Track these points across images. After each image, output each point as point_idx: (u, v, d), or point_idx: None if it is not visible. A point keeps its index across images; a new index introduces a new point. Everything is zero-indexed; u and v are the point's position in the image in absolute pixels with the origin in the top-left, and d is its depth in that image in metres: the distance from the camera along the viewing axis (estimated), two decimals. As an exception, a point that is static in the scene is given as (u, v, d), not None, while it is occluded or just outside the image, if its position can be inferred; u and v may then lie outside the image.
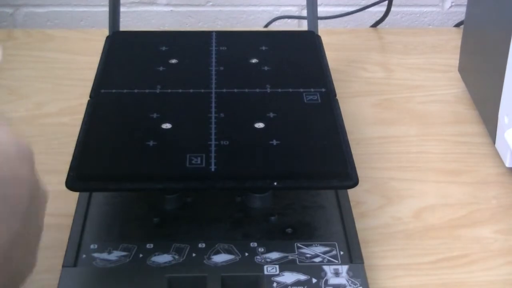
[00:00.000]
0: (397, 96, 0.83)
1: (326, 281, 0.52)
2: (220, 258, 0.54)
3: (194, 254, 0.55)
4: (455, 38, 0.93)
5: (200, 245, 0.56)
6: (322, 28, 0.82)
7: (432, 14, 1.05)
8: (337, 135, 0.59)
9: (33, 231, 0.41)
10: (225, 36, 0.75)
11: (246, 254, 0.55)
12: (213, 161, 0.55)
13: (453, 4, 1.04)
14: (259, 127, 0.60)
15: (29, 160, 0.40)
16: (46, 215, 0.43)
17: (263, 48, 0.73)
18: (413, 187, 0.68)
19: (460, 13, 1.03)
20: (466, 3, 0.80)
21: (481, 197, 0.67)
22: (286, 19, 1.03)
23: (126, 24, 0.96)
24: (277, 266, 0.54)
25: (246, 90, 0.65)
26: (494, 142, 0.71)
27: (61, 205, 0.59)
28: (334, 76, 0.69)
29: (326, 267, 0.53)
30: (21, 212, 0.38)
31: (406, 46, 0.94)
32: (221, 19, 1.03)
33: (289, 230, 0.58)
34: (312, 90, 0.65)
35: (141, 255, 0.54)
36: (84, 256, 0.55)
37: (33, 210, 0.40)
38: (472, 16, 0.79)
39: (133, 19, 1.02)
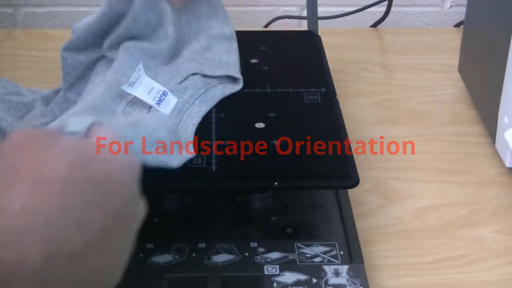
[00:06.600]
0: (397, 96, 0.83)
1: (326, 281, 0.52)
2: (220, 258, 0.54)
3: (194, 254, 0.55)
4: (455, 38, 0.93)
5: (200, 245, 0.56)
6: (322, 28, 0.82)
7: (432, 14, 1.05)
8: (337, 135, 0.59)
9: (122, 239, 0.43)
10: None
11: (246, 254, 0.55)
12: (213, 161, 0.55)
13: (453, 4, 1.04)
14: (260, 127, 0.60)
15: (135, 172, 0.45)
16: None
17: (263, 48, 0.73)
18: (413, 187, 0.68)
19: (460, 13, 1.03)
20: (466, 3, 0.80)
21: (481, 197, 0.67)
22: (286, 19, 1.03)
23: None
24: (277, 266, 0.53)
25: (246, 90, 0.65)
26: (494, 142, 0.71)
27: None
28: (334, 76, 0.69)
29: (326, 267, 0.53)
30: (115, 209, 0.41)
31: (406, 46, 0.94)
32: (221, 19, 1.03)
33: (289, 230, 0.58)
34: (312, 90, 0.65)
35: (141, 255, 0.54)
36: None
37: (127, 219, 0.43)
38: (472, 16, 0.79)
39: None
